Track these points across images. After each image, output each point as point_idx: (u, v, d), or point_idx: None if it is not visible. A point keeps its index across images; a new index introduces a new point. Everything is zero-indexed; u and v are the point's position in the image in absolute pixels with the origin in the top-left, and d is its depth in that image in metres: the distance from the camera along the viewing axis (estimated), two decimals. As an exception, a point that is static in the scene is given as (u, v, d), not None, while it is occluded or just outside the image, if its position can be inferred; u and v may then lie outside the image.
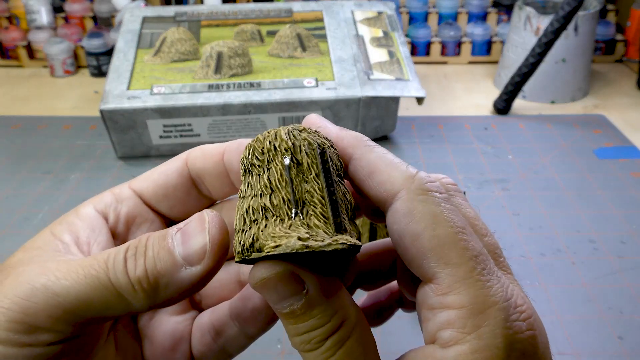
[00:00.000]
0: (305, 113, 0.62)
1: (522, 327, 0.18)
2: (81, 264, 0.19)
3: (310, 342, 0.18)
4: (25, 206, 0.56)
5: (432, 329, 0.18)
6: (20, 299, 0.19)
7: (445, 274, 0.18)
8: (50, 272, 0.19)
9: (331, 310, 0.18)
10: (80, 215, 0.23)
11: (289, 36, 0.69)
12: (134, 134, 0.62)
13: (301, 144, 0.19)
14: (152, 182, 0.24)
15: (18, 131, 0.70)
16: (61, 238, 0.22)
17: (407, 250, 0.19)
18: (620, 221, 0.52)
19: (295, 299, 0.18)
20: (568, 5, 0.66)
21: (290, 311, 0.18)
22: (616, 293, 0.44)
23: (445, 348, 0.17)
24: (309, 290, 0.18)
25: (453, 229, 0.18)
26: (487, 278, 0.18)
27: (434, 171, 0.61)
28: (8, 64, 0.91)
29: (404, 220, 0.19)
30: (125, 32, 0.69)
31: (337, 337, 0.18)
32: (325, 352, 0.18)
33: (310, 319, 0.18)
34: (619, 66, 0.89)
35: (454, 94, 0.80)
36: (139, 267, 0.19)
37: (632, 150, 0.64)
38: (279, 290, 0.18)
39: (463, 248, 0.18)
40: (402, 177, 0.20)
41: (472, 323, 0.17)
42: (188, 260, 0.19)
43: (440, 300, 0.18)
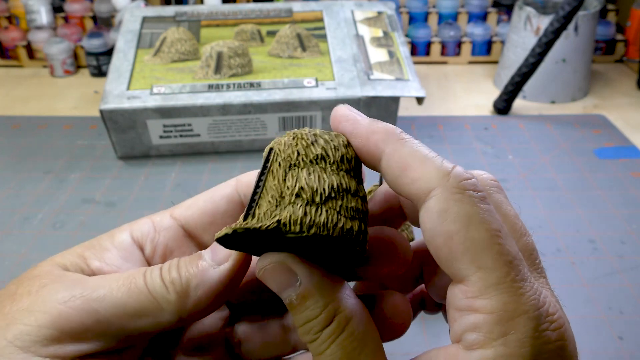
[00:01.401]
0: (306, 113, 0.62)
1: (551, 337, 0.17)
2: (117, 275, 0.20)
3: (309, 333, 0.19)
4: (25, 206, 0.56)
5: (458, 330, 0.18)
6: (58, 304, 0.19)
7: (477, 277, 0.17)
8: (86, 281, 0.20)
9: (322, 302, 0.19)
10: (115, 243, 0.23)
11: (289, 36, 0.69)
12: (134, 134, 0.62)
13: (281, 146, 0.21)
14: (197, 209, 0.24)
15: (18, 131, 0.70)
16: (89, 263, 0.22)
17: (440, 250, 0.18)
18: (620, 221, 0.52)
19: (292, 290, 0.19)
20: (568, 5, 0.66)
21: (289, 301, 0.19)
22: (616, 293, 0.44)
23: (470, 351, 0.17)
24: (301, 283, 0.19)
25: (489, 232, 0.18)
26: (520, 285, 0.17)
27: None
28: (8, 64, 0.91)
29: (438, 219, 0.18)
30: (125, 32, 0.69)
31: (330, 330, 0.19)
32: (322, 343, 0.19)
33: (305, 309, 0.19)
34: (619, 66, 0.89)
35: (454, 94, 0.80)
36: (173, 273, 0.20)
37: (632, 150, 0.64)
38: (276, 280, 0.19)
39: (498, 252, 0.17)
40: (436, 173, 0.18)
41: (499, 329, 0.17)
42: (216, 261, 0.20)
43: (469, 303, 0.18)
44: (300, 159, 0.19)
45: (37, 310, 0.19)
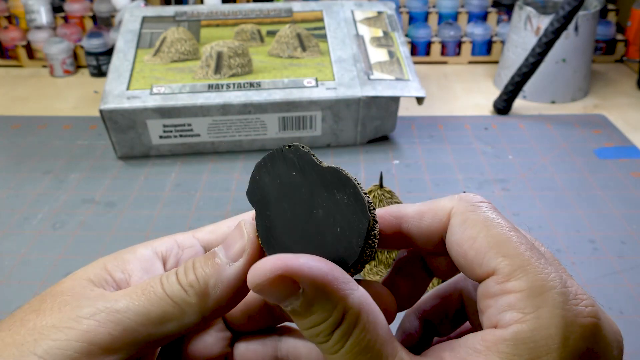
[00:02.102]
0: (306, 113, 0.62)
1: (582, 312, 0.18)
2: (137, 286, 0.21)
3: (318, 336, 0.19)
4: (25, 206, 0.56)
5: (493, 313, 0.19)
6: (83, 319, 0.20)
7: (504, 264, 0.19)
8: (107, 295, 0.21)
9: (331, 305, 0.18)
10: (137, 255, 0.24)
11: (289, 36, 0.69)
12: (134, 134, 0.62)
13: None
14: (220, 235, 0.26)
15: (18, 131, 0.70)
16: (113, 275, 0.23)
17: (467, 254, 0.20)
18: (620, 221, 0.52)
19: (293, 299, 0.19)
20: (568, 5, 0.66)
21: (291, 310, 0.19)
22: (616, 293, 0.44)
23: (505, 327, 0.18)
24: (304, 291, 0.18)
25: (505, 228, 0.20)
26: (544, 266, 0.19)
27: (434, 171, 0.61)
28: (7, 63, 0.91)
29: (460, 229, 0.21)
30: (125, 32, 0.69)
31: (342, 330, 0.18)
32: (335, 345, 0.19)
33: (312, 315, 0.19)
34: (619, 66, 0.89)
35: (454, 94, 0.80)
36: (190, 275, 0.21)
37: (632, 150, 0.64)
38: (274, 293, 0.19)
39: (517, 242, 0.20)
40: (449, 201, 0.22)
41: (532, 304, 0.18)
42: (230, 258, 0.21)
43: (501, 288, 0.19)
44: None
45: (64, 326, 0.20)
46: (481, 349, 0.18)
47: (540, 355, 0.18)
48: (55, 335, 0.19)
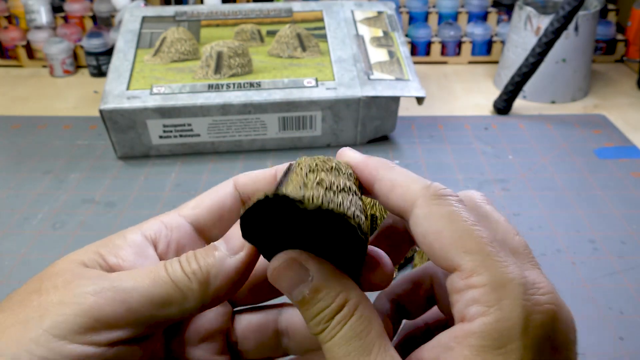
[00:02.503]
0: (306, 113, 0.62)
1: (540, 300, 0.20)
2: (141, 269, 0.22)
3: (320, 323, 0.21)
4: (25, 206, 0.56)
5: (460, 308, 0.20)
6: (90, 295, 0.21)
7: (467, 260, 0.20)
8: (109, 276, 0.22)
9: (334, 292, 0.21)
10: (127, 240, 0.25)
11: (289, 36, 0.69)
12: (134, 134, 0.62)
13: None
14: (205, 208, 0.27)
15: (18, 131, 0.70)
16: (106, 259, 0.24)
17: (432, 247, 0.21)
18: (620, 221, 0.52)
19: (304, 286, 0.21)
20: (568, 5, 0.66)
21: (302, 298, 0.21)
22: (617, 293, 0.44)
23: (472, 321, 0.20)
24: (313, 277, 0.21)
25: (468, 223, 0.21)
26: (503, 260, 0.20)
27: (434, 171, 0.61)
28: (7, 63, 0.91)
29: (425, 222, 0.21)
30: (125, 31, 0.69)
31: (341, 315, 0.21)
32: (332, 329, 0.21)
33: (318, 302, 0.21)
34: (619, 66, 0.89)
35: (454, 94, 0.80)
36: (192, 264, 0.23)
37: (632, 150, 0.64)
38: (288, 277, 0.22)
39: (478, 237, 0.20)
40: (419, 187, 0.22)
41: (494, 297, 0.19)
42: (231, 250, 0.23)
43: (465, 283, 0.20)
44: (319, 168, 0.23)
45: (70, 302, 0.21)
46: (453, 345, 0.20)
47: (505, 344, 0.19)
48: (61, 310, 0.20)
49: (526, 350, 0.19)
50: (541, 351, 0.19)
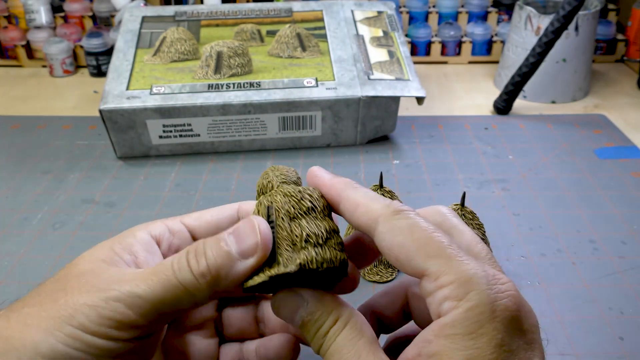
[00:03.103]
0: (305, 113, 0.62)
1: (501, 289, 0.22)
2: (152, 272, 0.25)
3: (319, 338, 0.25)
4: (25, 206, 0.56)
5: (435, 308, 0.22)
6: (111, 301, 0.24)
7: (432, 264, 0.22)
8: (129, 280, 0.25)
9: (327, 311, 0.25)
10: (137, 239, 0.28)
11: (288, 36, 0.69)
12: (134, 134, 0.62)
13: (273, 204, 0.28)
14: (204, 222, 0.30)
15: (17, 131, 0.70)
16: (122, 256, 0.27)
17: (399, 258, 0.23)
18: (620, 221, 0.52)
19: (302, 311, 0.25)
20: (568, 5, 0.66)
21: (302, 322, 0.25)
22: (617, 293, 0.44)
23: (445, 315, 0.22)
24: (308, 303, 0.25)
25: (428, 231, 0.23)
26: (465, 259, 0.22)
27: (434, 171, 0.61)
28: (7, 63, 0.91)
29: (388, 236, 0.24)
30: (125, 31, 0.69)
31: (334, 329, 0.24)
32: (328, 341, 0.24)
33: (315, 322, 0.25)
34: (619, 66, 0.89)
35: (454, 94, 0.80)
36: (202, 264, 0.24)
37: (632, 150, 0.64)
38: (288, 306, 0.25)
39: (439, 242, 0.23)
40: (380, 206, 0.25)
41: (461, 291, 0.22)
42: (243, 255, 0.25)
43: (435, 285, 0.22)
44: (297, 212, 0.26)
45: (96, 305, 0.24)
46: (431, 338, 0.22)
47: (475, 329, 0.21)
48: (89, 312, 0.24)
49: (496, 332, 0.21)
50: (509, 332, 0.21)
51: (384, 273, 0.45)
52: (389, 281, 0.45)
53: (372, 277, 0.45)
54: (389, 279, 0.45)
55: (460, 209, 0.42)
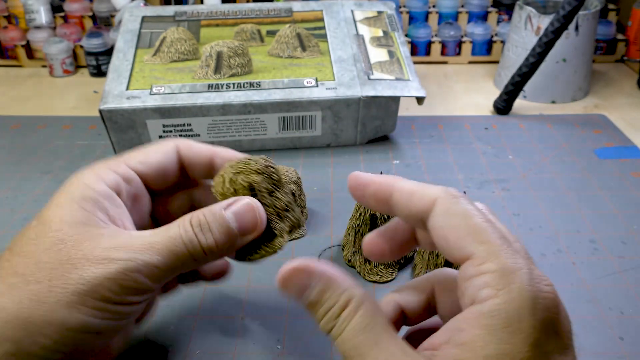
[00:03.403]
0: (305, 113, 0.62)
1: (544, 288, 0.22)
2: (163, 242, 0.28)
3: (330, 321, 0.24)
4: (25, 206, 0.56)
5: (471, 292, 0.22)
6: (131, 272, 0.27)
7: (480, 250, 0.23)
8: (140, 249, 0.27)
9: (339, 291, 0.24)
10: (99, 192, 0.29)
11: (288, 36, 0.69)
12: (134, 134, 0.62)
13: None
14: (151, 166, 0.33)
15: (17, 131, 0.70)
16: (96, 214, 0.28)
17: (448, 239, 0.24)
18: (621, 221, 0.52)
19: (311, 289, 0.24)
20: (569, 5, 0.66)
21: (310, 300, 0.24)
22: (617, 293, 0.44)
23: (482, 303, 0.21)
24: (318, 281, 0.24)
25: (483, 220, 0.24)
26: (512, 252, 0.22)
27: (434, 171, 0.61)
28: (7, 63, 0.91)
29: (443, 217, 0.24)
30: (125, 31, 0.69)
31: (346, 312, 0.23)
32: (340, 325, 0.23)
33: (324, 302, 0.24)
34: (619, 66, 0.89)
35: (454, 94, 0.80)
36: (209, 240, 0.28)
37: (633, 150, 0.64)
38: (297, 284, 0.25)
39: (491, 232, 0.23)
40: (436, 190, 0.25)
41: (503, 281, 0.21)
42: (242, 232, 0.29)
43: (477, 269, 0.22)
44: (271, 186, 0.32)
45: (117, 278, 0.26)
46: (464, 327, 0.21)
47: (514, 323, 0.20)
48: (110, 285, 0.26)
49: (533, 330, 0.20)
50: (546, 333, 0.21)
51: (384, 273, 0.45)
52: (389, 281, 0.45)
53: (372, 277, 0.45)
54: (389, 279, 0.45)
55: None
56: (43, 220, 0.28)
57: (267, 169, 0.32)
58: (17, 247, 0.28)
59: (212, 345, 0.39)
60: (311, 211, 0.53)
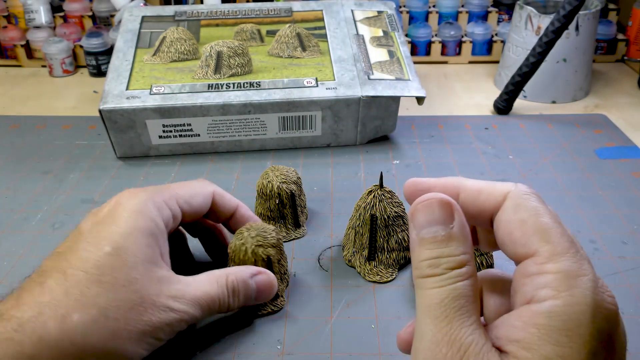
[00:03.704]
0: (305, 113, 0.62)
1: (607, 299, 0.21)
2: (203, 299, 0.35)
3: (438, 267, 0.23)
4: (24, 206, 0.55)
5: (529, 290, 0.21)
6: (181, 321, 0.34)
7: (546, 249, 0.22)
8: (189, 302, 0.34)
9: (464, 248, 0.23)
10: (160, 230, 0.34)
11: (288, 36, 0.69)
12: (133, 134, 0.61)
13: None
14: (193, 208, 0.38)
15: (17, 131, 0.70)
16: (156, 252, 0.34)
17: (513, 233, 0.23)
18: (621, 221, 0.52)
19: (441, 228, 0.23)
20: (569, 5, 0.65)
21: (432, 237, 0.23)
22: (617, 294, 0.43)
23: (540, 303, 0.21)
24: (454, 227, 0.23)
25: (552, 219, 0.23)
26: (580, 256, 0.22)
27: (434, 171, 0.61)
28: (6, 63, 0.91)
29: (512, 211, 0.24)
30: (125, 31, 0.69)
31: (460, 272, 0.22)
32: (448, 279, 0.22)
33: (447, 247, 0.23)
34: (620, 66, 0.89)
35: (454, 93, 0.80)
36: (236, 303, 0.37)
37: (633, 150, 0.64)
38: (435, 213, 0.23)
39: (561, 232, 0.22)
40: (505, 186, 0.25)
41: (566, 284, 0.21)
42: (257, 299, 0.39)
43: (539, 268, 0.21)
44: (278, 257, 0.42)
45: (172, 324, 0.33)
46: (519, 325, 0.21)
47: (572, 328, 0.20)
48: (166, 329, 0.33)
49: (592, 338, 0.20)
50: (604, 344, 0.20)
51: (384, 273, 0.45)
52: (389, 281, 0.45)
53: (372, 277, 0.45)
54: (389, 279, 0.45)
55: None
56: (117, 250, 0.32)
57: (278, 242, 0.40)
58: (91, 270, 0.31)
59: (213, 345, 0.39)
60: (311, 211, 0.53)
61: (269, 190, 0.48)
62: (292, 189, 0.48)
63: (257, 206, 0.50)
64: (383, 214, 0.44)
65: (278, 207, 0.49)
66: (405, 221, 0.46)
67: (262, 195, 0.49)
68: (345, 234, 0.48)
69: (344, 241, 0.48)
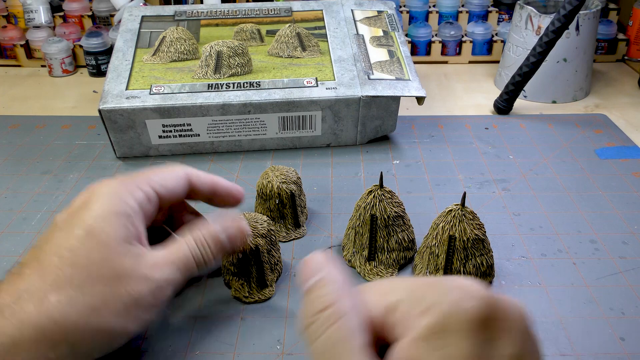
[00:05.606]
0: (305, 113, 0.62)
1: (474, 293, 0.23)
2: (179, 263, 0.35)
3: (312, 315, 0.24)
4: (24, 206, 0.55)
5: None
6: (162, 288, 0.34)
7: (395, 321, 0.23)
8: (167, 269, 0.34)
9: (333, 294, 0.24)
10: (133, 209, 0.34)
11: (288, 36, 0.68)
12: (133, 134, 0.61)
13: None
14: (167, 189, 0.38)
15: (16, 131, 0.70)
16: (131, 230, 0.34)
17: None
18: (621, 221, 0.52)
19: (315, 278, 0.25)
20: (569, 5, 0.65)
21: (308, 286, 0.25)
22: (618, 294, 0.44)
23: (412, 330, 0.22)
24: (325, 274, 0.25)
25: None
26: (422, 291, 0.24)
27: (434, 171, 0.61)
28: (6, 63, 0.91)
29: None
30: (124, 31, 0.69)
31: (327, 314, 0.23)
32: (319, 327, 0.23)
33: (317, 291, 0.24)
34: (620, 65, 0.89)
35: (455, 93, 0.80)
36: (210, 254, 0.36)
37: (633, 150, 0.64)
38: (309, 268, 0.25)
39: None
40: None
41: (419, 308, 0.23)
42: (233, 247, 0.38)
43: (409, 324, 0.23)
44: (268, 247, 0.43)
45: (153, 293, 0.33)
46: None
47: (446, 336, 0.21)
48: (149, 298, 0.33)
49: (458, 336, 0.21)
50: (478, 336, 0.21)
51: (384, 273, 0.45)
52: (389, 282, 0.45)
53: (372, 278, 0.45)
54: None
55: (460, 209, 0.42)
56: (90, 232, 0.32)
57: (269, 232, 0.42)
58: (65, 254, 0.31)
59: (212, 345, 0.39)
60: (311, 211, 0.53)
61: (268, 190, 0.48)
62: (292, 189, 0.48)
63: (257, 206, 0.50)
64: (383, 214, 0.43)
65: (278, 207, 0.49)
66: (406, 221, 0.45)
67: (262, 195, 0.49)
68: (345, 234, 0.48)
69: (344, 241, 0.48)
